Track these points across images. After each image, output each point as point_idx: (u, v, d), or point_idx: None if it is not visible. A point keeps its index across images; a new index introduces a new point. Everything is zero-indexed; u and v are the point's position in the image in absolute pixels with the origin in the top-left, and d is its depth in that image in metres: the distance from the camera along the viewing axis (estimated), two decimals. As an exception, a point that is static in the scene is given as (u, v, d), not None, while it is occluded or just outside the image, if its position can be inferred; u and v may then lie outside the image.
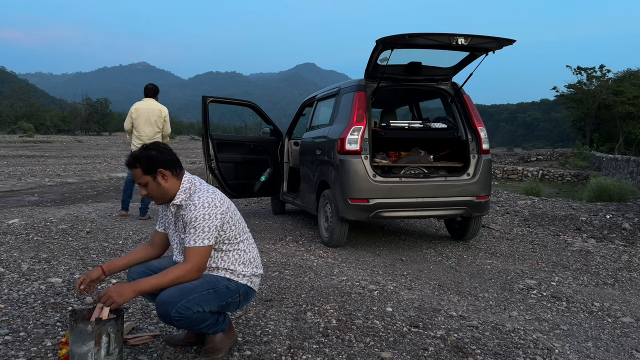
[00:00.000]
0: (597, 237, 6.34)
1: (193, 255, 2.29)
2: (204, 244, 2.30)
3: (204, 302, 2.29)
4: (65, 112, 78.20)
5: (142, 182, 2.38)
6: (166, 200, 2.43)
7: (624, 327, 3.38)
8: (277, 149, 6.88)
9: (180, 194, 2.41)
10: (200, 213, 2.31)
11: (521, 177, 20.26)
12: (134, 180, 7.20)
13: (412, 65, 5.39)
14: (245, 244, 2.51)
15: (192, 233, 2.30)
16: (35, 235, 5.28)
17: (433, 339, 2.88)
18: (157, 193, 2.40)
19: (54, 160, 20.44)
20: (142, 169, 2.36)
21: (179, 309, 2.22)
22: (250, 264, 2.52)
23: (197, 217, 2.30)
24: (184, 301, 2.23)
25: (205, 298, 2.30)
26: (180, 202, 2.40)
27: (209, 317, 2.35)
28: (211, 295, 2.33)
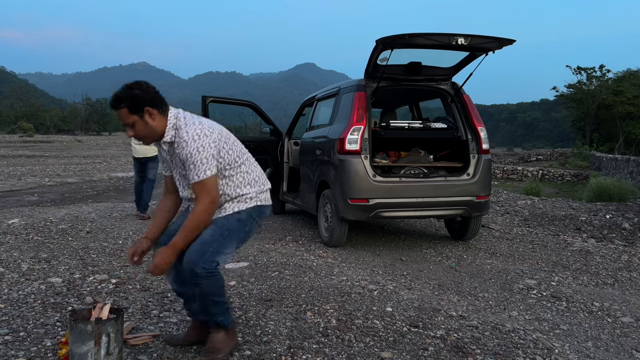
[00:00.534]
0: (597, 237, 6.34)
1: (202, 189, 2.30)
2: (208, 175, 2.29)
3: (224, 247, 2.37)
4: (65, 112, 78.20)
5: (129, 122, 2.30)
6: (155, 138, 2.38)
7: (623, 327, 3.38)
8: (277, 149, 6.88)
9: (169, 131, 2.36)
10: (193, 147, 2.28)
11: (521, 177, 20.27)
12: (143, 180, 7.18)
13: (412, 65, 5.39)
14: (246, 165, 2.52)
15: (193, 169, 2.29)
16: (35, 235, 5.28)
17: (433, 339, 2.88)
18: (145, 132, 2.34)
19: (54, 160, 20.45)
20: (129, 109, 2.28)
21: (203, 264, 2.28)
22: (255, 183, 2.54)
23: (192, 152, 2.28)
24: (206, 256, 2.29)
25: (224, 243, 2.37)
26: (170, 139, 2.37)
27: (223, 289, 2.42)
28: (227, 236, 2.39)
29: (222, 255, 2.37)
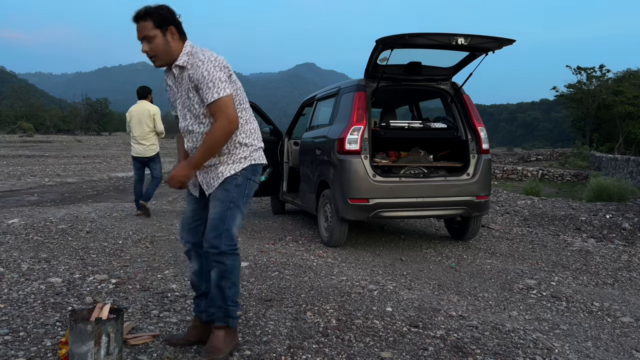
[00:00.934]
0: (596, 237, 6.34)
1: (219, 108, 2.28)
2: (226, 93, 2.29)
3: (234, 218, 2.42)
4: (65, 112, 78.24)
5: (150, 36, 2.30)
6: (167, 61, 2.38)
7: (623, 326, 3.38)
8: (276, 149, 6.88)
9: (182, 56, 2.37)
10: (210, 66, 2.28)
11: (521, 177, 20.27)
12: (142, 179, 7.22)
13: (412, 65, 5.39)
14: (247, 113, 2.52)
15: (210, 87, 2.27)
16: (35, 235, 5.28)
17: (433, 339, 2.88)
18: (161, 51, 2.34)
19: (54, 160, 20.45)
20: (154, 22, 2.29)
21: (225, 242, 2.38)
22: (252, 135, 2.53)
23: (209, 69, 2.28)
24: (225, 234, 2.38)
25: (233, 214, 2.42)
26: (183, 64, 2.37)
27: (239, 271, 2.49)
28: (234, 207, 2.43)
29: (236, 225, 2.44)
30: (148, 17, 2.29)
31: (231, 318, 2.49)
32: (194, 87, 2.35)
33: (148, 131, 6.86)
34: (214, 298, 2.48)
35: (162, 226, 6.06)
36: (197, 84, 2.32)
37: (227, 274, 2.43)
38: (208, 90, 2.28)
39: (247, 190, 2.51)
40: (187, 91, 2.39)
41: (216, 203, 2.43)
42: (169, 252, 4.72)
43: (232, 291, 2.47)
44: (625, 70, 45.75)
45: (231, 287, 2.46)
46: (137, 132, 6.86)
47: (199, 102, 2.38)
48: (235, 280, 2.47)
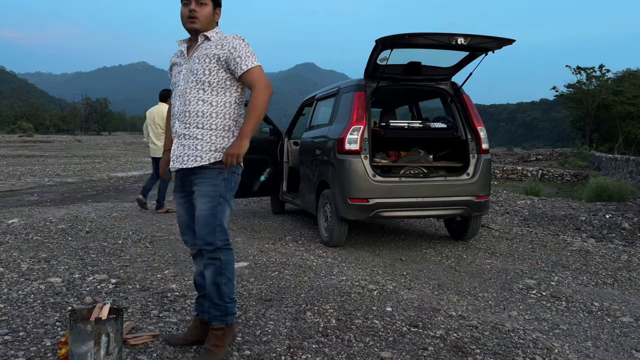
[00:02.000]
0: (596, 237, 6.34)
1: (255, 75, 2.40)
2: (257, 63, 2.43)
3: (224, 212, 2.45)
4: (65, 112, 78.24)
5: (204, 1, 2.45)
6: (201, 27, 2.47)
7: (623, 326, 3.38)
8: (276, 149, 6.88)
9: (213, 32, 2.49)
10: (239, 41, 2.43)
11: (521, 176, 20.27)
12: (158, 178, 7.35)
13: (412, 65, 5.39)
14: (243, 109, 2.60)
15: (240, 60, 2.39)
16: (35, 235, 5.28)
17: (432, 339, 2.88)
18: (204, 18, 2.46)
19: (54, 160, 20.44)
20: None
21: (219, 237, 2.41)
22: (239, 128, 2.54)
23: (239, 44, 2.42)
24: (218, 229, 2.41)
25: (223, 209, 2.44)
26: (210, 35, 2.48)
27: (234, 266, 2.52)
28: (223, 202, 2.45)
29: (226, 219, 2.47)
30: None
31: (229, 315, 2.51)
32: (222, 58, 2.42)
33: (161, 132, 7.21)
34: (211, 296, 2.48)
35: (162, 226, 6.06)
36: (227, 54, 2.41)
37: (223, 270, 2.44)
38: (241, 60, 2.40)
39: (233, 183, 2.51)
40: (202, 58, 2.44)
41: (205, 199, 2.42)
42: (168, 252, 4.72)
43: (229, 287, 2.47)
44: (625, 70, 45.82)
45: (227, 283, 2.46)
46: (152, 133, 7.28)
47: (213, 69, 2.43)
48: (231, 276, 2.48)
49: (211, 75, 2.43)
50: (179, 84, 2.52)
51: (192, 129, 2.45)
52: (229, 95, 2.47)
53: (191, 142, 2.45)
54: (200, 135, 2.44)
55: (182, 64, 2.55)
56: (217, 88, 2.45)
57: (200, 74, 2.43)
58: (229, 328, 2.53)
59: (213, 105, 2.45)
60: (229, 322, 2.51)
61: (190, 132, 2.45)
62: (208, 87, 2.44)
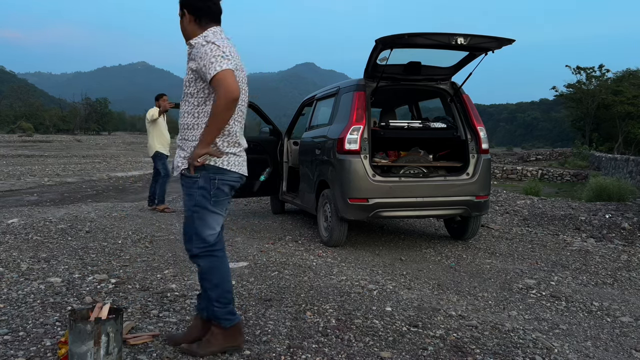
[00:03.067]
0: (596, 237, 6.34)
1: (216, 81, 2.28)
2: (222, 67, 2.28)
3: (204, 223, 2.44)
4: (65, 112, 78.18)
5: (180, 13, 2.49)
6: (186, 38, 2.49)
7: (623, 326, 3.38)
8: (276, 149, 6.88)
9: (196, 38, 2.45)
10: (206, 47, 2.34)
11: (520, 176, 20.28)
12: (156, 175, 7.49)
13: (412, 64, 5.39)
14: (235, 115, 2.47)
15: (207, 64, 2.30)
16: (35, 235, 5.28)
17: (432, 339, 2.88)
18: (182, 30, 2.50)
19: (53, 160, 20.44)
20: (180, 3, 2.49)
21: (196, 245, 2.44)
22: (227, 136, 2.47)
23: (206, 50, 2.33)
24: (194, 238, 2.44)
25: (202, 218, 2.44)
26: (193, 42, 2.44)
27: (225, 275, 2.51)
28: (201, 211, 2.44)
29: (207, 227, 2.45)
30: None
31: (217, 319, 2.50)
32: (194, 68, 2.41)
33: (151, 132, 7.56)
34: (202, 296, 2.57)
35: (162, 226, 6.06)
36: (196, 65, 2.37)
37: (205, 275, 2.49)
38: (207, 68, 2.31)
39: (213, 191, 2.45)
40: (186, 72, 2.48)
41: (185, 208, 2.50)
42: (168, 251, 4.72)
43: (215, 293, 2.47)
44: (625, 70, 45.82)
45: (213, 289, 2.47)
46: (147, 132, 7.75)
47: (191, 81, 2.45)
48: (218, 282, 2.47)
49: (190, 86, 2.46)
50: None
51: (181, 141, 2.53)
52: (208, 105, 2.42)
53: (180, 153, 2.52)
54: (185, 147, 2.50)
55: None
56: (197, 98, 2.45)
57: (184, 86, 2.49)
58: (221, 330, 2.51)
59: (195, 116, 2.47)
60: (221, 325, 2.50)
61: (181, 144, 2.53)
62: (190, 98, 2.47)
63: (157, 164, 7.56)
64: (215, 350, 2.50)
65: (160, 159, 7.54)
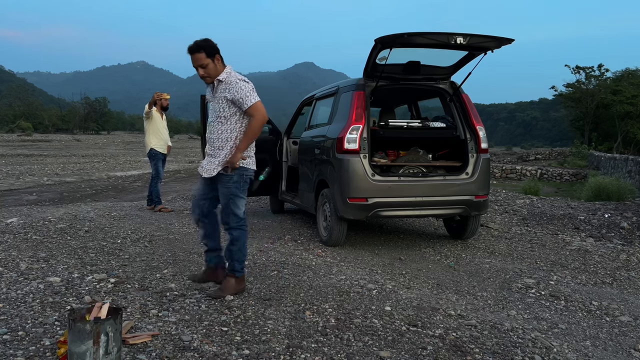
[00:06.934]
0: (595, 236, 6.34)
1: (254, 110, 3.32)
2: (257, 99, 3.32)
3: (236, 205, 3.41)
4: (64, 111, 78.15)
5: (204, 64, 3.28)
6: (214, 79, 3.35)
7: (622, 325, 3.39)
8: (275, 148, 6.88)
9: (224, 74, 3.37)
10: (243, 83, 3.32)
11: (520, 176, 20.29)
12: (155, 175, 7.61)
13: (411, 64, 5.39)
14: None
15: (244, 97, 3.29)
16: (34, 235, 5.27)
17: (432, 338, 2.88)
18: (212, 72, 3.32)
19: (53, 159, 20.43)
20: (206, 53, 3.26)
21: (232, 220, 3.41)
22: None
23: (243, 86, 3.30)
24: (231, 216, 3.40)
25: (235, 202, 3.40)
26: (222, 78, 3.36)
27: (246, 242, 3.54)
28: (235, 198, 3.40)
29: (240, 207, 3.43)
30: (201, 50, 3.26)
31: (236, 271, 3.46)
32: (230, 99, 3.32)
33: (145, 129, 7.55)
34: (227, 255, 3.49)
35: (161, 225, 6.06)
36: (233, 96, 3.31)
37: (234, 241, 3.44)
38: (246, 98, 3.30)
39: (243, 183, 3.46)
40: (220, 99, 3.37)
41: (222, 196, 3.44)
42: (167, 251, 4.72)
43: (239, 254, 3.46)
44: (624, 70, 45.87)
45: (237, 252, 3.45)
46: None
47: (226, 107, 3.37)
48: (241, 247, 3.45)
49: (225, 111, 3.38)
50: (209, 116, 3.51)
51: (213, 150, 3.45)
52: (237, 124, 3.40)
53: (213, 159, 3.43)
54: (216, 155, 3.43)
55: (210, 101, 3.52)
56: (231, 120, 3.39)
57: (219, 111, 3.39)
58: (236, 279, 3.45)
59: (228, 132, 3.40)
60: (236, 275, 3.45)
61: (212, 153, 3.45)
62: (224, 120, 3.40)
63: (151, 163, 7.51)
64: (231, 292, 3.41)
65: (155, 158, 7.40)
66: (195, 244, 5.07)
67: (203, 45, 3.27)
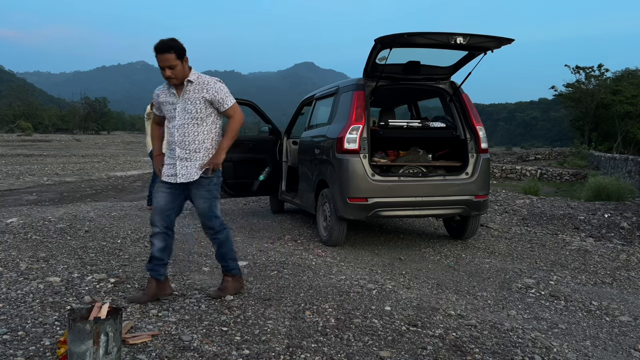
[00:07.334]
0: (595, 236, 6.34)
1: (233, 110, 3.33)
2: (233, 100, 3.33)
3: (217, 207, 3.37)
4: (64, 111, 78.14)
5: (173, 65, 3.13)
6: (181, 80, 3.22)
7: (622, 325, 3.39)
8: (275, 148, 6.88)
9: (193, 75, 3.26)
10: (220, 84, 3.29)
11: (520, 176, 20.29)
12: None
13: (411, 64, 5.39)
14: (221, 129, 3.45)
15: (224, 97, 3.27)
16: (34, 234, 5.27)
17: (431, 338, 2.88)
18: (180, 73, 3.18)
19: (53, 159, 20.43)
20: (176, 55, 3.12)
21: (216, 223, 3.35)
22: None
23: (220, 87, 3.28)
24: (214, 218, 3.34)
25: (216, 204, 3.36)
26: (193, 79, 3.25)
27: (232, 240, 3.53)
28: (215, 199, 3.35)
29: (219, 210, 3.39)
30: (171, 51, 3.11)
31: (232, 270, 3.46)
32: (208, 99, 3.24)
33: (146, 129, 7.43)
34: (220, 258, 3.46)
35: (161, 225, 6.05)
36: (212, 96, 3.24)
37: (224, 243, 3.42)
38: (222, 100, 3.28)
39: (219, 185, 3.43)
40: (194, 100, 3.24)
41: (203, 200, 3.32)
42: (167, 251, 4.71)
43: (231, 254, 3.46)
44: (624, 70, 45.86)
45: (229, 252, 3.45)
46: None
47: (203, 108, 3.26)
48: (230, 245, 3.47)
49: (202, 112, 3.27)
50: (176, 118, 3.27)
51: (189, 153, 3.28)
52: (213, 125, 3.33)
53: (192, 163, 3.28)
54: (192, 158, 3.28)
55: (174, 102, 3.27)
56: (207, 121, 3.30)
57: (194, 112, 3.25)
58: (234, 278, 3.45)
59: (205, 134, 3.30)
60: (233, 274, 3.45)
61: (188, 156, 3.28)
62: (201, 121, 3.28)
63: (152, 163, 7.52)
64: (232, 292, 3.42)
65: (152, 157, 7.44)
66: (196, 244, 5.07)
67: (173, 45, 3.12)
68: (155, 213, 3.32)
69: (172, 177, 3.30)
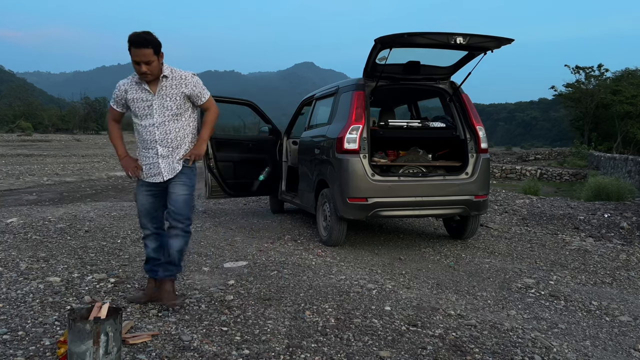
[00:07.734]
0: (595, 236, 6.35)
1: (210, 103, 3.31)
2: (209, 93, 3.31)
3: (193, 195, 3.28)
4: (64, 111, 78.15)
5: (150, 61, 2.99)
6: (156, 76, 3.10)
7: (621, 325, 3.39)
8: (275, 148, 6.88)
9: (167, 70, 3.14)
10: (197, 78, 3.24)
11: (519, 176, 20.30)
12: None
13: (411, 64, 5.39)
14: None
15: (201, 91, 3.23)
16: (34, 234, 5.28)
17: (431, 338, 2.88)
18: (156, 69, 3.06)
19: (53, 159, 20.42)
20: (154, 50, 2.99)
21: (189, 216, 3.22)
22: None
23: (197, 81, 3.23)
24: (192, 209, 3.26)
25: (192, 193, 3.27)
26: (168, 74, 3.13)
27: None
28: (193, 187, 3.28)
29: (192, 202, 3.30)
30: (149, 45, 2.96)
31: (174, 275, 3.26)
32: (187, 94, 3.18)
33: None
34: (175, 261, 3.20)
35: (161, 225, 6.05)
36: (191, 91, 3.18)
37: (188, 240, 3.26)
38: (203, 91, 3.25)
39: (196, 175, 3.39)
40: (173, 96, 3.15)
41: (184, 188, 3.20)
42: (167, 251, 4.71)
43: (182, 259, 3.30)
44: (624, 70, 45.87)
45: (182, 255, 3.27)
46: None
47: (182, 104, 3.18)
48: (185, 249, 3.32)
49: (181, 108, 3.19)
50: (154, 116, 3.15)
51: (169, 150, 3.19)
52: (191, 119, 3.28)
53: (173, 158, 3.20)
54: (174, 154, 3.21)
55: (149, 99, 3.14)
56: (186, 116, 3.23)
57: (174, 108, 3.16)
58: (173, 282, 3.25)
59: (185, 129, 3.23)
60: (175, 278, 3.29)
61: (168, 153, 3.19)
62: (180, 117, 3.21)
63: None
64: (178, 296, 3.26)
65: None
66: (196, 244, 5.07)
67: (150, 40, 2.96)
68: (143, 215, 3.28)
69: (157, 177, 3.20)
